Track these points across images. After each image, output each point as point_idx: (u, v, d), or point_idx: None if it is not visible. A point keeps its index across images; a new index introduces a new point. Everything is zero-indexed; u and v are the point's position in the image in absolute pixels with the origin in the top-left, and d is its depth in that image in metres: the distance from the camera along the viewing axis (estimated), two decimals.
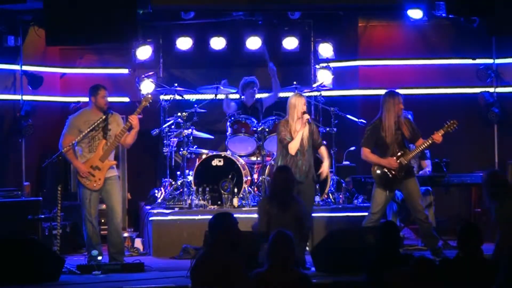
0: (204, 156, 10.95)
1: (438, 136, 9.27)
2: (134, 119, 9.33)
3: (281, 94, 12.08)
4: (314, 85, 11.59)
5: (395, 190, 9.56)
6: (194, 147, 11.19)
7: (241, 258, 6.19)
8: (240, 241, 6.34)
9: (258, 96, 11.85)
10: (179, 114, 11.06)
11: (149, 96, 9.59)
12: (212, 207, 10.57)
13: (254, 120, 11.10)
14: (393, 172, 9.30)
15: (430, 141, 9.31)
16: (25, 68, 11.60)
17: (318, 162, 9.58)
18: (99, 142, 9.32)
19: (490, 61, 12.22)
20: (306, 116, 9.23)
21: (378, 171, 9.36)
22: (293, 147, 9.13)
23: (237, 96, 11.75)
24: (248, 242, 7.99)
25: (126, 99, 12.33)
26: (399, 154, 9.32)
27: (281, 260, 6.07)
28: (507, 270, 5.77)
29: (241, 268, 6.11)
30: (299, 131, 9.17)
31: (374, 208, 9.35)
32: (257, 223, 8.65)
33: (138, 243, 10.69)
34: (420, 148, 9.40)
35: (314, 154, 9.42)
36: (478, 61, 12.22)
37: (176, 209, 10.52)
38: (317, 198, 10.53)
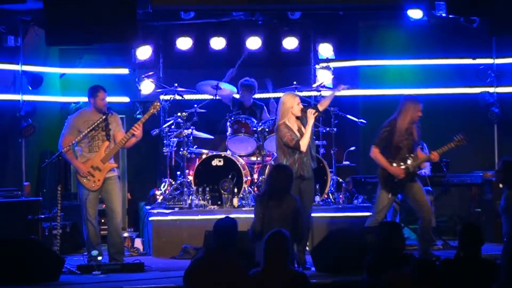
0: (204, 156, 10.95)
1: (435, 156, 9.30)
2: (138, 130, 9.29)
3: (281, 95, 12.06)
4: (314, 85, 11.59)
5: (398, 194, 9.51)
6: (194, 147, 11.19)
7: (242, 262, 6.20)
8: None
9: (257, 96, 11.86)
10: (179, 114, 11.06)
11: (158, 104, 9.51)
12: (212, 207, 10.58)
13: (254, 120, 11.10)
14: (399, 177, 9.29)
15: (427, 158, 9.41)
16: (25, 68, 11.59)
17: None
18: (102, 143, 9.31)
19: (490, 61, 12.22)
20: (312, 111, 9.21)
21: (384, 174, 9.34)
22: (304, 144, 9.03)
23: (237, 96, 11.75)
24: (244, 241, 8.02)
25: (126, 99, 12.34)
26: (408, 158, 9.29)
27: (277, 259, 6.07)
28: (508, 270, 5.77)
29: (246, 272, 6.12)
30: (308, 126, 9.12)
31: (378, 208, 9.32)
32: (252, 226, 8.43)
33: (138, 243, 10.69)
34: (421, 161, 9.43)
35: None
36: (478, 61, 12.23)
37: (176, 209, 10.52)
38: (317, 198, 10.53)
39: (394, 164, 9.25)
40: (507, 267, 5.73)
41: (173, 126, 11.19)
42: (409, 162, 9.27)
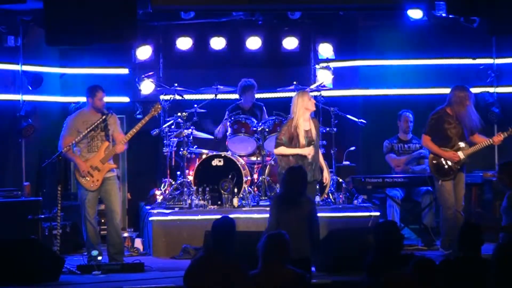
0: (204, 156, 10.95)
1: (498, 138, 9.49)
2: (121, 149, 9.43)
3: (281, 95, 12.10)
4: (314, 85, 11.58)
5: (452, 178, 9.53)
6: (194, 147, 11.19)
7: (244, 262, 6.21)
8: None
9: (257, 96, 11.86)
10: (179, 114, 11.06)
11: (158, 106, 9.56)
12: (212, 207, 10.57)
13: (254, 120, 11.10)
14: (450, 164, 9.37)
15: (489, 142, 9.54)
16: (25, 68, 11.59)
17: None
18: (101, 144, 9.32)
19: (490, 61, 12.22)
20: (310, 153, 9.16)
21: (435, 161, 9.49)
22: (280, 151, 9.11)
23: (236, 96, 11.76)
24: (248, 242, 7.98)
25: (126, 99, 12.33)
26: (460, 147, 9.39)
27: (276, 260, 6.06)
28: (497, 269, 5.79)
29: (245, 272, 6.12)
30: (302, 153, 9.10)
31: (449, 201, 9.37)
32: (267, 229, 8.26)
33: (138, 243, 10.68)
34: (480, 146, 9.54)
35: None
36: (478, 61, 12.22)
37: (176, 209, 10.51)
38: (317, 198, 10.52)
39: None
40: (500, 268, 5.75)
41: (173, 126, 11.19)
42: (460, 150, 9.41)
